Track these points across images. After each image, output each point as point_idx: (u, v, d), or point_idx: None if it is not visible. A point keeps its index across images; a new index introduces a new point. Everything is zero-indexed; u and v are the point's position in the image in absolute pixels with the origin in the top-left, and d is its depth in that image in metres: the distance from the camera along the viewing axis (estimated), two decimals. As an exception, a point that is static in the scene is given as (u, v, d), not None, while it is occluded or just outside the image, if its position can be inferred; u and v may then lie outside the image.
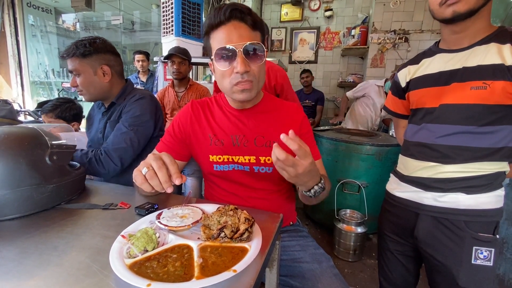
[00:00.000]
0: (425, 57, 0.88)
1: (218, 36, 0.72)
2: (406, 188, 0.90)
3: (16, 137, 0.65)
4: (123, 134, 1.07)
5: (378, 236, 1.08)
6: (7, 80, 4.36)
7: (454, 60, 0.79)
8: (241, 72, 0.70)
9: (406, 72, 0.93)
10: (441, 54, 0.83)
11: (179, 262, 0.47)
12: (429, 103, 0.83)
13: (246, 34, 0.71)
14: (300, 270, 0.77)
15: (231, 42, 0.70)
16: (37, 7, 4.49)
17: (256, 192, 0.87)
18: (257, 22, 0.73)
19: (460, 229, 0.79)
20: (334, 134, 2.34)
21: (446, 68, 0.80)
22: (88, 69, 1.08)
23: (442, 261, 0.82)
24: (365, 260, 1.95)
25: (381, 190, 2.09)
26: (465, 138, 0.77)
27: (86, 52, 1.06)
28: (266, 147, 0.83)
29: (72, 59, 1.06)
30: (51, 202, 0.70)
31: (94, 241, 0.56)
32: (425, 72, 0.85)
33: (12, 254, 0.51)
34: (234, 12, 0.70)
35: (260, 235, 0.56)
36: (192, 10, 2.29)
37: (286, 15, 4.05)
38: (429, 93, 0.83)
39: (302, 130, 0.86)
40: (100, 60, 1.10)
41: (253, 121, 0.85)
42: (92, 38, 1.09)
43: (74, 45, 1.05)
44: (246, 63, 0.70)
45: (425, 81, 0.85)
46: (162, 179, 0.56)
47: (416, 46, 3.22)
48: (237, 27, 0.70)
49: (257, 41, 0.72)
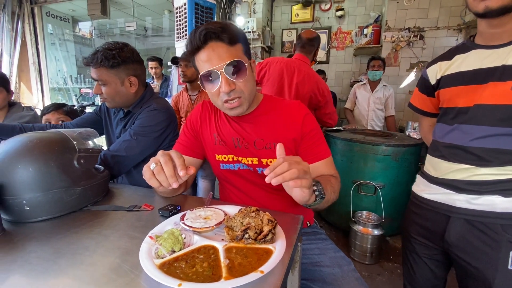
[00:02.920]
0: (458, 52, 0.83)
1: (200, 60, 0.74)
2: (435, 190, 0.86)
3: (47, 142, 0.69)
4: (125, 142, 1.05)
5: (403, 238, 1.04)
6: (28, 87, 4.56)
7: (492, 57, 0.74)
8: (226, 91, 0.73)
9: (436, 69, 0.88)
10: (477, 50, 0.78)
11: (206, 262, 0.48)
12: (462, 103, 0.79)
13: (224, 53, 0.72)
14: (321, 274, 0.77)
15: (211, 65, 0.72)
16: (55, 16, 4.67)
17: (266, 192, 0.88)
18: (234, 36, 0.73)
19: (496, 233, 0.75)
20: (348, 134, 2.31)
21: (483, 65, 0.75)
22: (115, 80, 1.06)
23: (476, 266, 0.78)
24: (382, 263, 1.91)
25: (399, 191, 2.07)
26: (502, 141, 0.73)
27: (115, 64, 1.03)
28: (267, 149, 0.83)
29: (99, 69, 1.03)
30: (79, 204, 0.72)
31: (122, 242, 0.58)
32: (459, 69, 0.81)
33: (47, 254, 0.53)
34: (209, 35, 0.71)
35: (283, 237, 0.56)
36: (205, 15, 2.33)
37: (296, 16, 4.04)
38: (462, 91, 0.79)
39: (304, 129, 0.84)
40: (127, 71, 1.08)
41: (252, 125, 0.86)
42: (119, 46, 1.05)
43: (102, 55, 1.01)
44: (230, 82, 0.73)
45: (458, 78, 0.81)
46: (168, 173, 0.57)
47: (432, 43, 3.14)
48: (215, 48, 0.72)
49: (237, 57, 0.73)
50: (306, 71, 1.83)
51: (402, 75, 3.30)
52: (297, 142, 0.85)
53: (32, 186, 0.64)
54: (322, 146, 0.85)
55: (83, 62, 1.06)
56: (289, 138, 0.84)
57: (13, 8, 4.11)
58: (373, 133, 2.45)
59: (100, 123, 1.30)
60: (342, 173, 0.89)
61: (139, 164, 1.12)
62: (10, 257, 0.52)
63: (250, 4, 3.46)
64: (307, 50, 1.90)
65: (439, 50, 3.13)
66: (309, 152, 0.84)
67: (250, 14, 3.49)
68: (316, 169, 0.83)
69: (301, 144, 0.85)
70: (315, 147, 0.84)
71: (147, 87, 1.20)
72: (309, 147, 0.84)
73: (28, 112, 1.61)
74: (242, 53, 0.76)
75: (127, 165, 1.07)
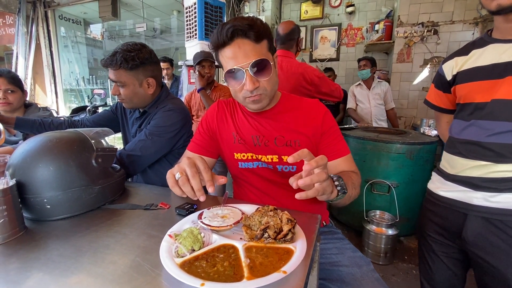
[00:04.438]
0: (475, 47, 0.82)
1: (225, 55, 0.74)
2: (452, 187, 0.85)
3: (67, 141, 0.70)
4: (140, 142, 1.05)
5: (419, 236, 1.03)
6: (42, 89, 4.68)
7: (510, 51, 0.73)
8: (249, 90, 0.73)
9: (453, 64, 0.87)
10: (494, 44, 0.77)
11: (227, 262, 0.47)
12: (479, 98, 0.78)
13: (251, 50, 0.72)
14: (339, 274, 0.76)
15: (237, 63, 0.72)
16: (68, 19, 4.78)
17: (285, 190, 0.87)
18: (260, 33, 0.73)
19: None
20: (361, 132, 2.27)
21: (500, 60, 0.74)
22: (134, 81, 1.06)
23: (494, 264, 0.77)
24: (396, 264, 1.87)
25: (414, 190, 2.02)
26: None
27: (134, 66, 1.03)
28: (287, 146, 0.83)
29: (118, 70, 1.03)
30: (97, 202, 0.73)
31: (140, 240, 0.58)
32: (476, 64, 0.80)
33: (68, 252, 0.54)
34: (236, 32, 0.71)
35: (303, 236, 0.55)
36: (215, 14, 2.33)
37: (306, 14, 4.00)
38: (480, 87, 0.78)
39: (324, 127, 0.84)
40: (146, 72, 1.08)
41: (272, 122, 0.86)
42: (137, 48, 1.04)
43: (122, 57, 1.00)
44: (254, 80, 0.73)
45: (475, 74, 0.79)
46: (196, 187, 0.58)
47: (446, 38, 3.05)
48: (241, 45, 0.72)
49: (263, 55, 0.73)
50: (288, 68, 1.76)
51: (415, 72, 3.22)
52: (317, 139, 0.85)
53: (53, 185, 0.65)
54: (342, 143, 0.85)
55: (101, 63, 1.05)
56: (309, 135, 0.84)
57: (27, 12, 4.23)
58: (386, 131, 2.41)
59: (116, 121, 1.31)
60: (355, 171, 0.88)
61: (154, 164, 1.13)
62: (33, 254, 0.53)
63: (259, 2, 3.44)
64: (289, 45, 1.83)
65: (454, 45, 3.04)
66: (330, 149, 0.83)
67: (259, 12, 3.47)
68: (337, 165, 0.83)
69: (321, 142, 0.85)
70: (335, 144, 0.84)
71: (163, 87, 1.20)
72: (330, 144, 0.84)
73: (45, 112, 1.65)
74: (267, 50, 0.77)
75: (142, 164, 1.08)
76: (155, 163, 1.13)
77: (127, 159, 1.04)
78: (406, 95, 3.31)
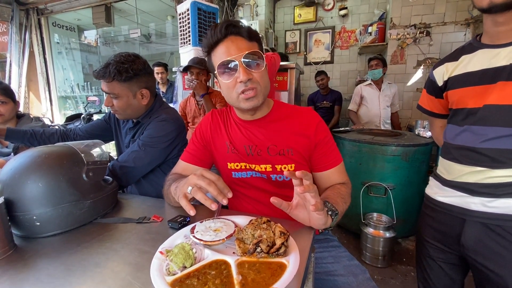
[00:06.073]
0: (464, 53, 0.82)
1: (218, 52, 0.76)
2: (449, 193, 0.85)
3: (56, 156, 0.69)
4: (133, 153, 1.04)
5: (417, 242, 1.03)
6: (37, 96, 4.64)
7: (500, 56, 0.73)
8: (244, 80, 0.73)
9: (443, 70, 0.87)
10: (484, 49, 0.77)
11: (218, 279, 0.47)
12: (471, 103, 0.78)
13: (243, 45, 0.74)
14: (335, 284, 0.75)
15: (230, 55, 0.73)
16: (61, 26, 4.75)
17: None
18: (252, 33, 0.77)
19: None
20: (356, 135, 2.28)
21: (490, 65, 0.74)
22: (127, 93, 1.05)
23: (494, 270, 0.76)
24: (395, 266, 1.87)
25: (410, 192, 2.02)
26: None
27: (127, 78, 1.02)
28: (281, 155, 0.83)
29: (111, 83, 1.01)
30: (88, 217, 0.72)
31: (132, 257, 0.57)
32: (466, 70, 0.80)
33: (58, 271, 0.53)
34: (229, 28, 0.74)
35: (297, 250, 0.54)
36: (208, 19, 2.33)
37: (299, 17, 4.02)
38: (471, 92, 0.78)
39: (318, 136, 0.83)
40: (140, 83, 1.06)
41: (264, 131, 0.85)
42: (131, 59, 1.03)
43: (115, 69, 0.99)
44: (248, 71, 0.74)
45: (466, 79, 0.79)
46: (215, 192, 0.62)
47: (439, 39, 3.08)
48: (234, 40, 0.74)
49: (255, 50, 0.75)
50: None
51: (409, 73, 3.25)
52: (310, 149, 0.84)
53: (42, 201, 0.64)
54: (335, 152, 0.85)
55: (94, 75, 1.03)
56: (302, 144, 0.83)
57: (20, 19, 4.20)
58: (381, 133, 2.41)
59: (110, 130, 1.30)
60: (351, 174, 0.88)
61: (148, 174, 1.12)
62: (22, 275, 0.52)
63: (252, 7, 3.45)
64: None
65: (446, 46, 3.07)
66: (323, 160, 0.83)
67: (252, 17, 3.48)
68: (330, 175, 0.83)
69: (315, 152, 0.84)
70: (328, 154, 0.84)
71: (157, 97, 1.19)
72: (323, 155, 0.84)
73: (37, 123, 1.63)
74: (259, 50, 0.78)
75: (135, 175, 1.07)
76: (149, 173, 1.12)
77: (120, 170, 1.02)
78: (401, 96, 3.34)
